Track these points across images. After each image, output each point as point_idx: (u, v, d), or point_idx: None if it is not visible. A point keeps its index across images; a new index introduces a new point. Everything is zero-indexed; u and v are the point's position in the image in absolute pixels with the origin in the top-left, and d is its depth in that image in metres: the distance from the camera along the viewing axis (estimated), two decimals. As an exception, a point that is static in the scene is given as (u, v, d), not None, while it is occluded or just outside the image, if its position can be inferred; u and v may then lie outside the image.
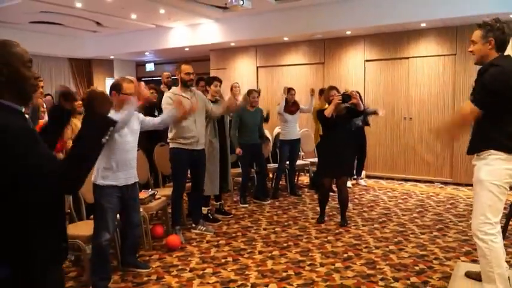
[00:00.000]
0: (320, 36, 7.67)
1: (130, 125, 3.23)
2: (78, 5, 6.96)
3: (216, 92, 4.85)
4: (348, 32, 7.34)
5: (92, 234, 3.27)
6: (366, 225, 4.74)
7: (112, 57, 11.21)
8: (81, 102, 4.48)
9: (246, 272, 3.49)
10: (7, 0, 6.63)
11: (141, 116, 3.52)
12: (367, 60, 7.56)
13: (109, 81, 10.21)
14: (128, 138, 3.21)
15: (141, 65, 12.14)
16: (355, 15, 6.77)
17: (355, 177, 7.03)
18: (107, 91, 5.70)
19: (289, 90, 6.06)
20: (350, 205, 5.58)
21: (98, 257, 3.14)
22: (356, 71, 7.67)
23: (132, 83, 3.24)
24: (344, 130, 4.72)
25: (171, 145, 4.26)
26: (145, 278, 3.39)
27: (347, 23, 6.92)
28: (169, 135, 4.26)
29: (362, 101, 6.61)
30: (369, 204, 5.68)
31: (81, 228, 3.39)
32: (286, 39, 8.03)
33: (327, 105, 4.68)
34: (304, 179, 7.41)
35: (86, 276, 3.29)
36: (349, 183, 6.79)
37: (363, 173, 7.24)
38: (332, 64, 7.90)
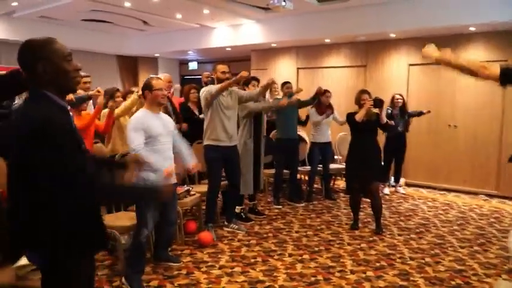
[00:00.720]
0: (363, 38, 7.53)
1: (166, 126, 3.30)
2: (127, 4, 7.19)
3: None
4: (392, 35, 7.15)
5: (127, 225, 3.40)
6: (401, 234, 4.60)
7: (157, 55, 11.51)
8: (122, 99, 4.68)
9: (275, 274, 3.48)
10: (61, -2, 6.96)
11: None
12: (411, 65, 7.33)
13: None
14: (164, 139, 3.27)
15: (184, 63, 12.39)
16: (400, 18, 6.58)
17: (393, 184, 6.84)
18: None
19: (325, 92, 5.98)
20: (386, 213, 5.45)
21: (135, 251, 3.21)
22: (399, 75, 7.46)
23: (160, 79, 3.35)
24: (373, 135, 4.62)
25: (205, 143, 4.33)
26: (176, 272, 3.46)
27: (391, 26, 6.74)
28: (204, 133, 4.33)
29: (405, 106, 6.49)
30: (407, 213, 5.51)
31: (118, 219, 3.51)
32: (327, 41, 7.94)
33: (357, 109, 4.60)
34: (341, 183, 7.29)
35: (120, 265, 3.39)
36: (387, 191, 6.65)
37: (402, 180, 7.04)
38: (374, 67, 7.73)
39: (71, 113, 1.68)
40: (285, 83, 5.81)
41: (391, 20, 6.68)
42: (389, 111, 6.34)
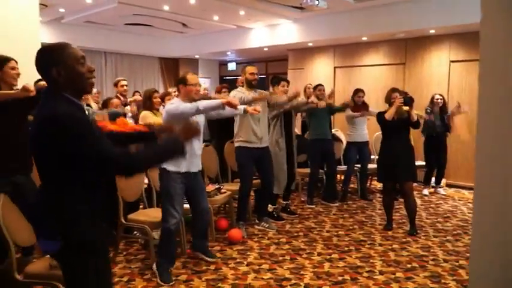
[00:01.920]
0: (401, 35, 7.34)
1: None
2: (166, 7, 7.43)
3: (283, 93, 4.88)
4: (432, 31, 6.93)
5: (158, 220, 3.52)
6: (437, 236, 4.47)
7: (197, 56, 11.78)
8: (159, 100, 4.84)
9: (302, 272, 3.49)
10: (105, 4, 7.30)
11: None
12: (453, 61, 7.07)
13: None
14: None
15: (223, 64, 12.59)
16: (439, 13, 6.36)
17: (433, 185, 6.63)
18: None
19: (357, 92, 5.88)
20: (423, 214, 5.31)
21: (165, 239, 3.32)
22: (440, 73, 7.21)
23: (195, 74, 3.46)
24: (405, 133, 4.51)
25: (236, 144, 4.41)
26: (204, 267, 3.55)
27: (431, 22, 6.52)
28: (235, 136, 4.41)
29: (446, 106, 6.26)
30: (445, 215, 5.33)
31: (150, 215, 3.65)
32: (365, 39, 7.81)
33: (388, 107, 4.51)
34: (378, 183, 7.14)
35: (152, 260, 3.52)
36: (426, 191, 6.46)
37: (443, 181, 6.80)
38: (414, 65, 7.52)
39: (87, 112, 1.79)
40: (317, 86, 5.77)
41: (430, 16, 6.47)
42: (429, 110, 6.15)
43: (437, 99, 6.23)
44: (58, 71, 1.64)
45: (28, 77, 4.68)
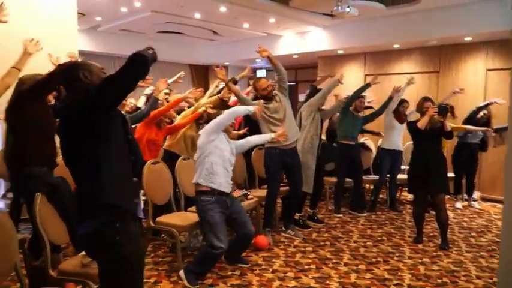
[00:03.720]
0: (435, 42, 7.18)
1: (226, 157, 3.48)
2: (197, 15, 7.57)
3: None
4: (468, 38, 6.74)
5: (185, 224, 3.56)
6: (470, 251, 4.30)
7: (227, 63, 11.90)
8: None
9: (327, 282, 3.43)
10: (139, 12, 7.50)
11: (233, 144, 3.66)
12: (490, 70, 6.85)
13: (222, 86, 10.83)
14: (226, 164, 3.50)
15: (253, 71, 12.66)
16: (475, 20, 6.19)
17: (466, 198, 6.41)
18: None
19: (403, 103, 5.79)
20: (456, 228, 5.14)
21: (207, 260, 3.34)
22: (476, 81, 7.00)
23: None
24: (437, 143, 4.39)
25: (266, 145, 4.39)
26: (230, 272, 3.56)
27: (467, 29, 6.35)
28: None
29: (490, 121, 5.95)
30: (479, 230, 5.14)
31: (178, 219, 3.69)
32: (397, 46, 7.69)
33: (419, 116, 4.41)
34: (408, 194, 6.97)
35: (179, 262, 3.55)
36: (459, 205, 6.26)
37: (477, 194, 6.57)
38: (448, 73, 7.33)
39: None
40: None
41: (465, 23, 6.31)
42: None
43: (482, 116, 5.96)
44: (84, 75, 1.88)
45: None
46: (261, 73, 12.29)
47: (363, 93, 5.78)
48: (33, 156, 2.98)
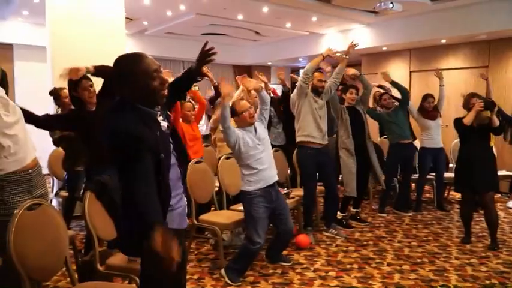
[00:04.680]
0: (484, 37, 6.88)
1: (257, 135, 3.45)
2: (240, 17, 7.68)
3: (352, 100, 4.81)
4: (519, 32, 6.41)
5: (228, 222, 3.67)
6: (523, 252, 4.12)
7: (269, 63, 11.97)
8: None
9: (370, 282, 3.42)
10: (184, 16, 7.72)
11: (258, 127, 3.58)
12: (544, 63, 6.48)
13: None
14: (259, 148, 3.44)
15: (295, 70, 12.64)
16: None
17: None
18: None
19: (427, 98, 5.61)
20: (506, 228, 4.93)
21: (245, 256, 3.42)
22: (529, 76, 6.64)
23: (244, 100, 3.58)
24: (485, 140, 4.22)
25: (298, 139, 4.42)
26: (271, 271, 3.62)
27: (517, 22, 6.05)
28: (297, 130, 4.44)
29: None
30: (533, 230, 4.89)
31: (220, 217, 3.81)
32: (443, 41, 7.43)
33: (466, 113, 4.26)
34: (457, 194, 6.73)
35: (221, 260, 3.66)
36: (511, 204, 5.97)
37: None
38: (498, 68, 7.00)
39: (160, 119, 1.86)
40: (381, 95, 5.65)
41: (516, 15, 6.00)
42: None
43: None
44: (131, 89, 1.74)
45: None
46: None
47: (383, 87, 5.65)
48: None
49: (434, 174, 5.79)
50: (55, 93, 4.43)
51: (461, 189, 4.40)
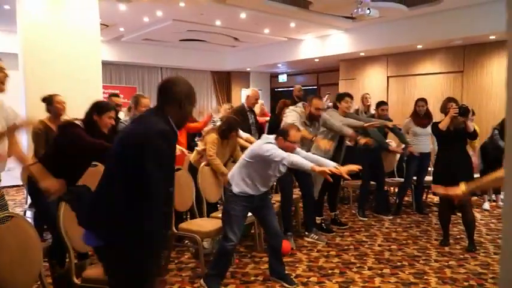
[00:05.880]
0: (459, 42, 7.06)
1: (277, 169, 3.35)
2: (218, 23, 7.67)
3: (347, 109, 4.84)
4: (492, 37, 6.60)
5: (208, 230, 3.61)
6: (498, 253, 4.19)
7: (248, 69, 11.99)
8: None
9: (351, 286, 3.41)
10: (161, 22, 7.67)
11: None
12: (516, 68, 6.67)
13: (244, 92, 10.94)
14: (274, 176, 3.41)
15: (274, 76, 12.71)
16: (500, 18, 6.03)
17: (494, 198, 6.24)
18: (242, 101, 6.11)
19: (418, 102, 5.69)
20: (483, 229, 5.02)
21: (221, 256, 3.34)
22: (502, 80, 6.82)
23: (299, 131, 3.40)
24: (462, 144, 4.30)
25: None
26: (253, 278, 3.58)
27: (490, 27, 6.23)
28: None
29: None
30: (509, 231, 4.99)
31: (201, 225, 3.74)
32: (420, 47, 7.59)
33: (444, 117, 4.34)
34: (435, 197, 6.85)
35: (202, 268, 3.59)
36: (486, 206, 6.10)
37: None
38: (472, 73, 7.19)
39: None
40: (380, 104, 5.62)
41: (489, 21, 6.19)
42: (496, 132, 5.68)
43: None
44: (184, 107, 1.96)
45: (88, 91, 5.02)
46: (282, 78, 12.33)
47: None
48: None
49: (414, 177, 5.84)
50: (48, 99, 4.27)
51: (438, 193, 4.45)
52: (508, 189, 1.10)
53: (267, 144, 3.23)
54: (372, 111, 6.02)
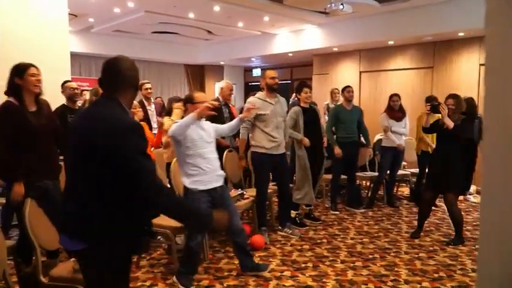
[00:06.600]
0: (429, 38, 7.20)
1: (204, 136, 3.31)
2: (191, 15, 7.55)
3: (307, 99, 4.85)
4: (461, 34, 6.76)
5: (181, 226, 3.54)
6: (466, 245, 4.32)
7: (222, 63, 11.90)
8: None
9: (324, 280, 3.44)
10: (132, 13, 7.48)
11: (215, 125, 3.56)
12: (483, 65, 6.85)
13: (218, 85, 10.83)
14: (204, 144, 3.31)
15: (248, 70, 12.66)
16: (468, 15, 6.20)
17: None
18: (216, 94, 6.02)
19: (392, 97, 5.77)
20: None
21: (189, 255, 3.32)
22: (470, 76, 7.02)
23: (202, 92, 3.51)
24: (451, 142, 4.29)
25: (252, 149, 4.39)
26: (226, 273, 3.55)
27: (460, 24, 6.38)
28: (251, 140, 4.39)
29: (475, 110, 6.00)
30: (475, 223, 5.15)
31: (173, 220, 3.67)
32: (391, 42, 7.70)
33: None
34: (405, 190, 7.00)
35: (175, 264, 3.54)
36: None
37: (473, 188, 6.57)
38: (442, 68, 7.35)
39: None
40: (346, 87, 5.68)
41: (459, 18, 6.33)
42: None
43: None
44: (130, 92, 1.88)
45: (56, 83, 4.84)
46: (256, 72, 12.29)
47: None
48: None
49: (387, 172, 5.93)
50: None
51: (430, 189, 4.48)
52: (485, 183, 1.11)
53: (170, 129, 3.27)
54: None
